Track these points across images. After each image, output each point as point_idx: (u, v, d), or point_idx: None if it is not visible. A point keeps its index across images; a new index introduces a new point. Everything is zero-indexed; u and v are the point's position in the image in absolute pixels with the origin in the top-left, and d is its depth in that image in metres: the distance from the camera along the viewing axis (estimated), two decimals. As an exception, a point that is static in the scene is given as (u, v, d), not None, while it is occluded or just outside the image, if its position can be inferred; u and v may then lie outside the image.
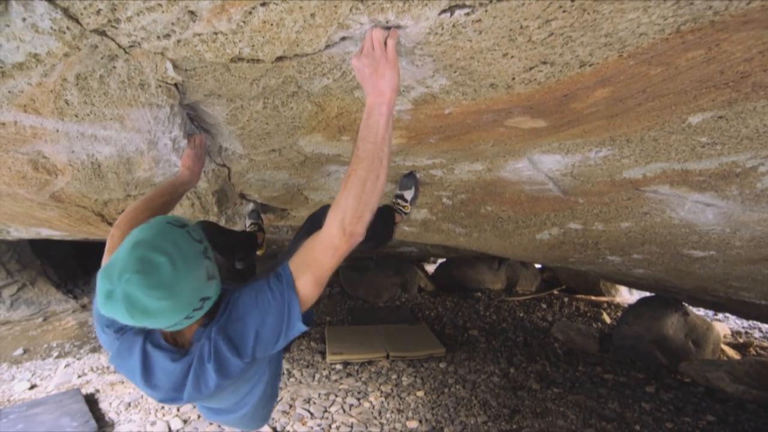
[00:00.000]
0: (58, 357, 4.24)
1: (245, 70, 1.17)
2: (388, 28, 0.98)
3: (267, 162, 1.95)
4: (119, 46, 1.07)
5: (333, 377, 3.92)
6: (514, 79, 1.14)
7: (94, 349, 4.36)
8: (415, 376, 3.96)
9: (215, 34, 1.01)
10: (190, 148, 1.60)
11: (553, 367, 4.24)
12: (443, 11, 0.91)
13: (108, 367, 3.99)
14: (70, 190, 1.86)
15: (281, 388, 3.69)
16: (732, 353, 4.84)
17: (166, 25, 0.98)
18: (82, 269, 5.88)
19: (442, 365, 4.20)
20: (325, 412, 3.38)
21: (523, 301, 6.36)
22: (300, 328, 1.06)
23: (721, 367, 3.93)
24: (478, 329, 5.21)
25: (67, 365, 4.05)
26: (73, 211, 2.16)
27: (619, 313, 5.90)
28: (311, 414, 3.34)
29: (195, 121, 1.60)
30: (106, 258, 1.13)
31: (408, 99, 1.33)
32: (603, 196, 2.03)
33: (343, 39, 1.04)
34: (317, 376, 3.92)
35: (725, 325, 5.80)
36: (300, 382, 3.82)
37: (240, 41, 1.03)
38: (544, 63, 1.06)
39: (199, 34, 1.01)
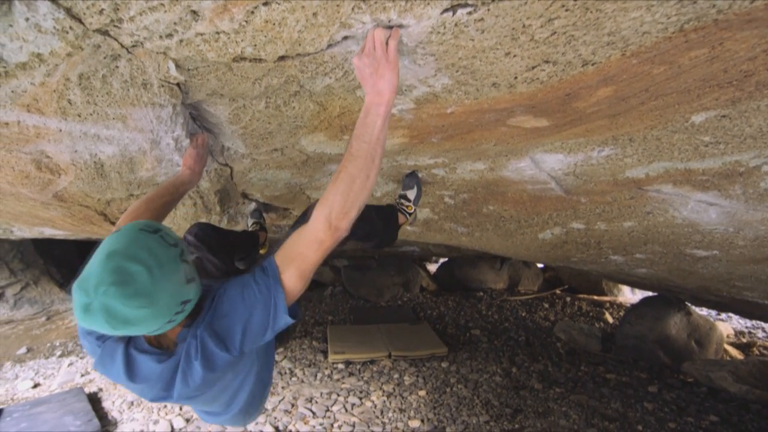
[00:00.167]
0: (62, 356, 4.25)
1: (247, 69, 1.18)
2: (390, 28, 0.98)
3: (269, 161, 1.95)
4: (122, 46, 1.07)
5: (335, 376, 3.93)
6: (516, 78, 1.14)
7: (97, 348, 4.37)
8: (417, 376, 3.96)
9: (217, 33, 1.01)
10: (192, 148, 1.61)
11: (556, 366, 4.24)
12: (445, 10, 0.91)
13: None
14: (73, 190, 1.86)
15: (284, 387, 3.69)
16: (735, 353, 4.83)
17: (169, 25, 0.98)
18: (85, 268, 5.88)
19: (444, 365, 4.20)
20: (327, 411, 3.38)
21: (525, 301, 6.35)
22: (286, 321, 1.07)
23: (724, 367, 3.91)
24: (480, 329, 5.20)
25: (70, 364, 4.06)
26: (76, 210, 2.17)
27: (621, 313, 5.88)
28: (313, 413, 3.35)
29: (197, 121, 1.61)
30: None
31: (410, 98, 1.33)
32: (605, 196, 2.03)
33: (345, 38, 1.04)
34: (319, 376, 3.93)
35: (728, 324, 5.78)
36: (302, 382, 3.82)
37: (242, 41, 1.03)
38: (547, 62, 1.06)
39: (202, 34, 1.01)
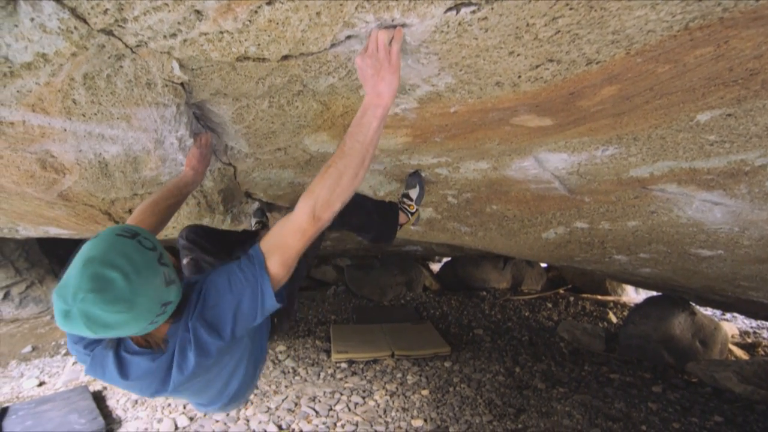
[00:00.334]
0: (66, 354, 4.27)
1: (251, 69, 1.18)
2: (394, 27, 0.98)
3: (272, 161, 1.95)
4: (126, 46, 1.07)
5: (338, 376, 3.93)
6: (520, 77, 1.14)
7: (101, 347, 4.39)
8: (420, 375, 3.96)
9: (221, 33, 1.01)
10: (195, 148, 1.61)
11: (559, 366, 4.23)
12: (449, 9, 0.91)
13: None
14: (78, 189, 1.87)
15: (287, 386, 3.70)
16: (740, 353, 4.80)
17: (173, 25, 0.99)
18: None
19: (447, 364, 4.19)
20: (330, 410, 3.39)
21: (528, 300, 6.33)
22: (274, 304, 1.10)
23: (729, 367, 3.89)
24: (483, 328, 5.20)
25: (75, 362, 4.08)
26: (80, 209, 2.18)
27: (625, 313, 5.86)
28: (316, 412, 3.35)
29: (201, 120, 1.61)
30: None
31: (413, 97, 1.33)
32: (609, 195, 2.02)
33: (348, 38, 1.04)
34: (322, 375, 3.93)
35: (733, 324, 5.74)
36: (305, 381, 3.83)
37: (246, 40, 1.03)
38: (551, 61, 1.05)
39: (205, 34, 1.01)
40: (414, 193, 2.14)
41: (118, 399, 3.46)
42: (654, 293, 5.05)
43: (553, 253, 3.10)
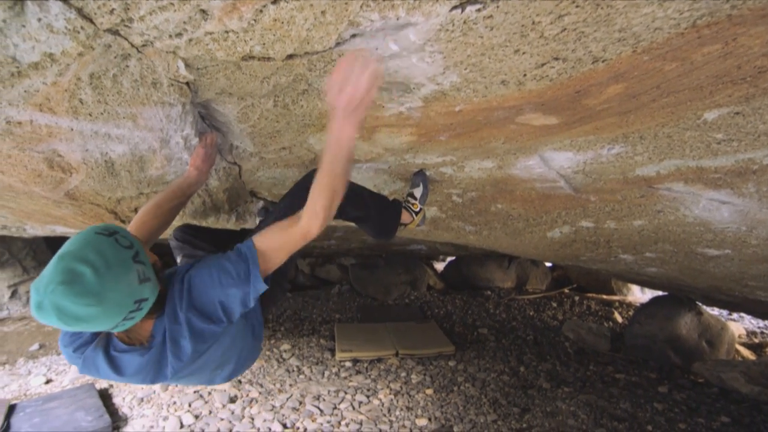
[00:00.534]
0: (73, 352, 4.31)
1: (256, 68, 1.18)
2: (396, 28, 0.97)
3: (277, 160, 1.96)
4: (132, 46, 1.08)
5: (342, 374, 3.94)
6: (525, 75, 1.13)
7: (107, 345, 4.42)
8: (424, 374, 3.96)
9: (226, 32, 1.01)
10: (200, 147, 1.62)
11: (564, 366, 4.21)
12: (454, 7, 0.91)
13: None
14: (85, 188, 1.88)
15: (291, 385, 3.71)
16: (747, 354, 4.77)
17: (178, 24, 0.99)
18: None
19: (452, 363, 4.19)
20: (334, 409, 3.40)
21: (533, 300, 6.31)
22: (263, 287, 1.19)
23: (735, 367, 3.87)
24: (487, 328, 5.19)
25: (81, 360, 4.12)
26: (87, 208, 2.19)
27: (630, 312, 5.83)
28: (321, 411, 3.36)
29: (206, 120, 1.62)
30: None
31: (418, 96, 1.33)
32: (615, 194, 2.01)
33: (353, 36, 1.04)
34: (327, 374, 3.94)
35: (740, 325, 5.70)
36: (309, 379, 3.84)
37: (251, 39, 1.04)
38: (556, 59, 1.05)
39: (211, 33, 1.02)
40: (418, 191, 2.14)
41: (124, 397, 3.49)
42: (660, 293, 5.02)
43: (558, 252, 3.09)
